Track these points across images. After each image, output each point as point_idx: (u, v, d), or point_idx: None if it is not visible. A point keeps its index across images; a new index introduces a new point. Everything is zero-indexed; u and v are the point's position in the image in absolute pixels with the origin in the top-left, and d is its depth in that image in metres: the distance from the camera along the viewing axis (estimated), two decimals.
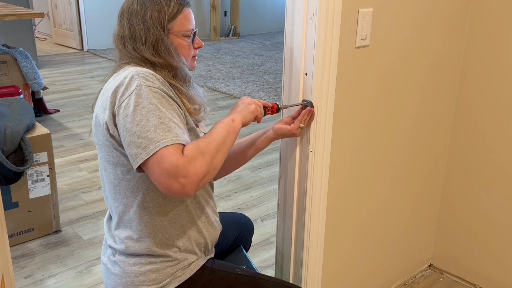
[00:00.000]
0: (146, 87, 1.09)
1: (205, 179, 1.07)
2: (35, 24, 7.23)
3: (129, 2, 1.22)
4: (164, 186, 1.03)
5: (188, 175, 1.02)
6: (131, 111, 1.06)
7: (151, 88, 1.09)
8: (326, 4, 1.32)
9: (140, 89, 1.08)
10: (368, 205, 1.78)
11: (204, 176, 1.06)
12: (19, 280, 2.14)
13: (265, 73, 5.91)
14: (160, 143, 1.03)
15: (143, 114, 1.05)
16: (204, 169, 1.05)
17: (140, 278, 1.23)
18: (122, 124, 1.08)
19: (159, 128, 1.04)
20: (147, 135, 1.04)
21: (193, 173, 1.03)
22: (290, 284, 1.41)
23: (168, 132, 1.05)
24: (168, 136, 1.04)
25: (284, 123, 1.42)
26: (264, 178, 3.22)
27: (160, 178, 1.03)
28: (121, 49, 1.23)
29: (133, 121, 1.06)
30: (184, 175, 1.02)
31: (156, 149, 1.03)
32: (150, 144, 1.03)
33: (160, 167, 1.02)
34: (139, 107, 1.06)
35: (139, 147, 1.04)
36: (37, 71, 3.84)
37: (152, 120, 1.05)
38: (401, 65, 1.67)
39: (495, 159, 1.93)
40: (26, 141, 2.25)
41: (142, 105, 1.06)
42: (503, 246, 1.99)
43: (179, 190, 1.03)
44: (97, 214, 2.68)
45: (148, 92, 1.08)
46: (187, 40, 1.25)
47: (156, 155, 1.03)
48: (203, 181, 1.06)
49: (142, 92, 1.08)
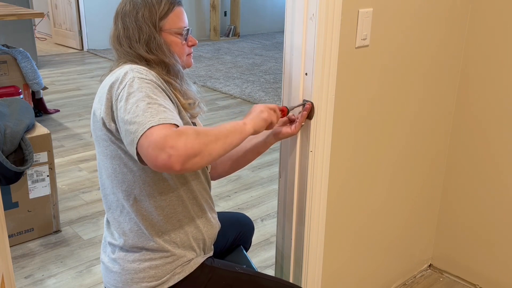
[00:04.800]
0: (138, 79, 1.12)
1: (196, 159, 1.01)
2: (35, 24, 7.23)
3: (122, 4, 1.28)
4: (151, 158, 1.00)
5: (176, 146, 0.98)
6: (124, 101, 1.08)
7: (143, 79, 1.12)
8: (326, 4, 1.32)
9: (132, 80, 1.11)
10: (368, 205, 1.78)
11: (195, 155, 1.01)
12: (19, 280, 2.14)
13: (265, 73, 5.91)
14: (147, 124, 1.02)
15: (133, 102, 1.07)
16: (196, 146, 1.01)
17: (140, 275, 1.24)
18: (118, 116, 1.09)
19: (147, 112, 1.04)
20: (136, 119, 1.04)
21: (182, 145, 0.99)
22: (290, 283, 1.41)
23: (156, 114, 1.04)
24: (156, 117, 1.03)
25: (283, 125, 1.42)
26: (264, 178, 3.22)
27: (148, 150, 1.00)
28: (118, 48, 1.27)
29: (125, 110, 1.07)
30: (172, 146, 0.98)
31: (143, 130, 1.01)
32: (139, 127, 1.03)
33: (148, 140, 1.00)
34: (130, 96, 1.08)
35: (131, 133, 1.04)
36: (37, 71, 3.84)
37: (141, 106, 1.05)
38: (401, 65, 1.67)
39: (496, 159, 1.93)
40: (26, 141, 2.25)
41: (133, 94, 1.08)
42: (503, 246, 1.99)
43: (164, 162, 0.98)
44: (97, 214, 2.68)
45: (140, 82, 1.11)
46: (180, 37, 1.29)
47: (146, 132, 1.01)
48: (193, 160, 1.01)
49: (134, 83, 1.10)
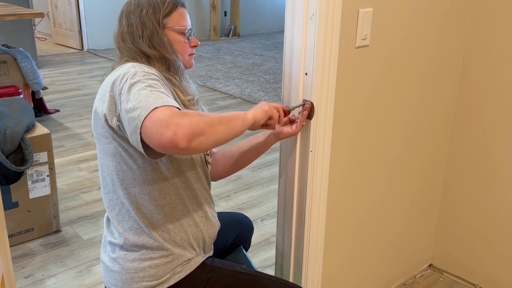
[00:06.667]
0: (140, 72, 1.14)
1: (202, 138, 1.02)
2: (35, 24, 7.22)
3: (127, 5, 1.31)
4: (156, 137, 1.00)
5: (181, 123, 0.99)
6: (126, 93, 1.10)
7: (145, 73, 1.14)
8: (326, 4, 1.32)
9: (135, 73, 1.13)
10: (368, 205, 1.78)
11: (201, 134, 1.01)
12: (19, 280, 2.14)
13: (265, 73, 5.91)
14: (150, 106, 1.03)
15: (135, 91, 1.08)
16: (201, 124, 1.01)
17: (140, 274, 1.24)
18: (122, 108, 1.10)
19: (150, 97, 1.05)
20: (139, 105, 1.04)
21: (187, 123, 0.99)
22: (289, 282, 1.42)
23: (159, 98, 1.05)
24: (159, 101, 1.04)
25: (283, 125, 1.42)
26: (264, 178, 3.22)
27: (152, 129, 1.00)
28: (121, 44, 1.29)
29: (128, 100, 1.08)
30: (177, 123, 0.99)
31: (147, 112, 1.02)
32: (142, 111, 1.03)
33: (152, 119, 1.01)
34: (133, 87, 1.10)
35: (134, 119, 1.04)
36: (37, 71, 3.84)
37: (143, 93, 1.07)
38: (401, 65, 1.67)
39: (496, 158, 1.93)
40: (26, 141, 2.25)
41: (135, 85, 1.10)
42: (503, 246, 1.99)
43: (170, 139, 0.98)
44: (97, 214, 2.68)
45: (141, 75, 1.13)
46: (182, 36, 1.31)
47: (150, 114, 1.02)
48: (198, 138, 1.01)
49: (136, 76, 1.12)
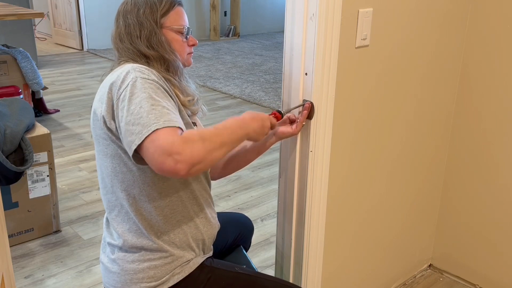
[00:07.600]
0: (141, 79, 1.12)
1: (200, 165, 1.04)
2: (35, 24, 7.22)
3: (123, 4, 1.30)
4: (157, 163, 1.02)
5: (183, 153, 1.01)
6: (127, 102, 1.09)
7: (146, 79, 1.12)
8: (326, 4, 1.32)
9: (135, 80, 1.11)
10: (368, 205, 1.78)
11: (200, 162, 1.03)
12: (19, 280, 2.14)
13: (265, 73, 5.91)
14: (151, 126, 1.03)
15: (136, 102, 1.07)
16: (201, 154, 1.03)
17: (139, 275, 1.24)
18: (120, 116, 1.09)
19: (151, 114, 1.05)
20: (140, 121, 1.05)
21: (189, 153, 1.01)
22: (289, 283, 1.41)
23: (161, 116, 1.05)
24: (160, 120, 1.05)
25: (284, 125, 1.42)
26: (264, 178, 3.22)
27: (154, 155, 1.02)
28: (119, 45, 1.28)
29: (128, 110, 1.07)
30: (179, 152, 1.00)
31: (148, 132, 1.03)
32: (143, 129, 1.04)
33: (154, 145, 1.02)
34: (134, 97, 1.09)
35: (133, 134, 1.05)
36: (37, 71, 3.84)
37: (145, 107, 1.06)
38: (401, 65, 1.67)
39: (496, 158, 1.93)
40: (26, 141, 2.25)
41: (136, 95, 1.09)
42: (504, 246, 1.99)
43: (171, 168, 1.00)
44: (97, 214, 2.68)
45: (143, 83, 1.11)
46: (180, 36, 1.30)
47: (151, 135, 1.03)
48: (197, 166, 1.03)
49: (137, 83, 1.11)
